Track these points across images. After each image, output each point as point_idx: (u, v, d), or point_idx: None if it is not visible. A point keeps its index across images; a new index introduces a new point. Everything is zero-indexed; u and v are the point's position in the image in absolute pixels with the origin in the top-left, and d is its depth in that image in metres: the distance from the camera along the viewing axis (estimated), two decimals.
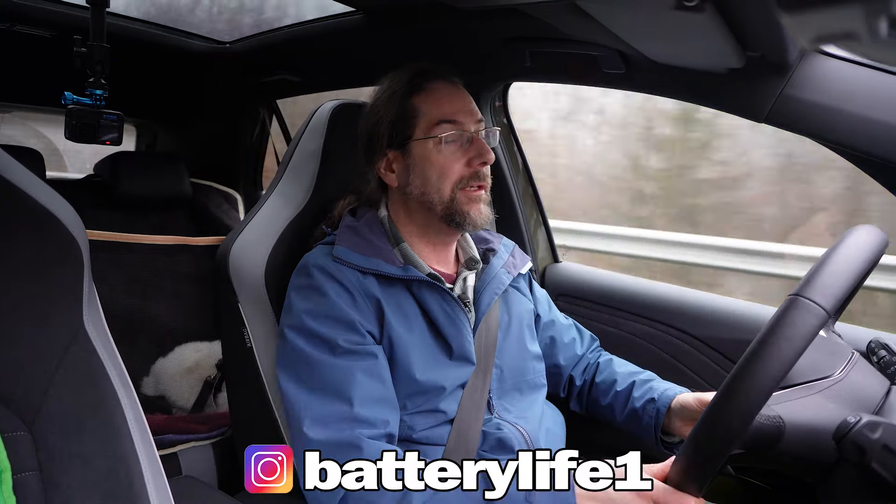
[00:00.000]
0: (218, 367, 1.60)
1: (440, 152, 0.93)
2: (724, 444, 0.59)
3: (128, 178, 1.72)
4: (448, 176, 0.93)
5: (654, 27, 0.84)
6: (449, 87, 0.97)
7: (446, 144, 0.93)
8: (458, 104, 0.95)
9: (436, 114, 0.94)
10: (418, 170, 0.95)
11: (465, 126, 0.94)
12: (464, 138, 0.94)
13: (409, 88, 0.96)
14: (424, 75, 0.97)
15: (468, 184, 0.94)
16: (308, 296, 0.90)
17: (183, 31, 1.75)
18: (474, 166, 0.93)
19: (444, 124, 0.93)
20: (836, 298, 0.60)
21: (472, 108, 0.97)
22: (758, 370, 0.58)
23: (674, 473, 0.67)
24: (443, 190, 0.94)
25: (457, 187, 0.94)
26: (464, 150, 0.94)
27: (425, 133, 0.94)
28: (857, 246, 0.65)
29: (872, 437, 0.59)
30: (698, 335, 1.24)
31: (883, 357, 0.76)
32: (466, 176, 0.94)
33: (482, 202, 0.95)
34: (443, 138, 0.93)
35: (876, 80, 0.85)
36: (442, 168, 0.93)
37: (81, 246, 0.58)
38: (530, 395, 1.01)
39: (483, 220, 0.96)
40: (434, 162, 0.94)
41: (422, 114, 0.95)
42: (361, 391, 0.83)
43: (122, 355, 0.62)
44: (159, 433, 1.39)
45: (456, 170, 0.93)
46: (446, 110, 0.94)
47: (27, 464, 0.51)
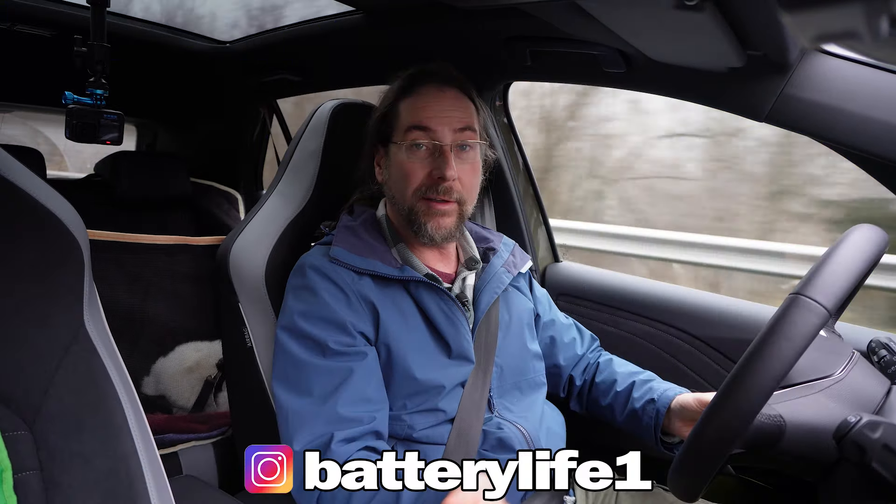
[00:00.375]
0: (218, 367, 1.60)
1: (408, 158, 0.94)
2: (726, 442, 0.59)
3: (128, 178, 1.72)
4: (409, 182, 0.93)
5: (654, 26, 0.84)
6: (434, 94, 0.95)
7: (415, 150, 0.93)
8: (436, 110, 0.94)
9: (411, 119, 0.94)
10: (392, 171, 0.97)
11: (438, 135, 0.93)
12: (434, 148, 0.93)
13: (399, 90, 0.97)
14: (417, 78, 0.97)
15: (426, 193, 0.93)
16: (302, 296, 0.90)
17: (183, 30, 1.75)
18: (433, 178, 0.92)
19: (416, 131, 0.93)
20: (837, 297, 0.60)
21: (455, 115, 0.94)
22: (759, 369, 0.58)
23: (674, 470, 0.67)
24: (405, 195, 0.94)
25: (417, 195, 0.93)
26: (431, 160, 0.93)
27: (400, 138, 0.95)
28: (857, 245, 0.65)
29: (873, 437, 0.59)
30: (698, 335, 1.24)
31: (883, 357, 0.76)
32: (425, 185, 0.93)
33: (444, 216, 0.93)
34: (409, 144, 0.93)
35: (877, 79, 0.85)
36: (405, 174, 0.94)
37: (82, 246, 0.58)
38: (531, 395, 1.01)
39: (442, 236, 0.94)
40: (401, 166, 0.94)
41: (400, 117, 0.96)
42: (347, 391, 0.84)
43: (123, 355, 0.62)
44: (160, 432, 1.40)
45: (417, 178, 0.93)
46: (421, 116, 0.93)
47: (28, 463, 0.51)
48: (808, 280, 0.61)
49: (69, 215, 0.58)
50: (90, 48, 1.11)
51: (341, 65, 1.62)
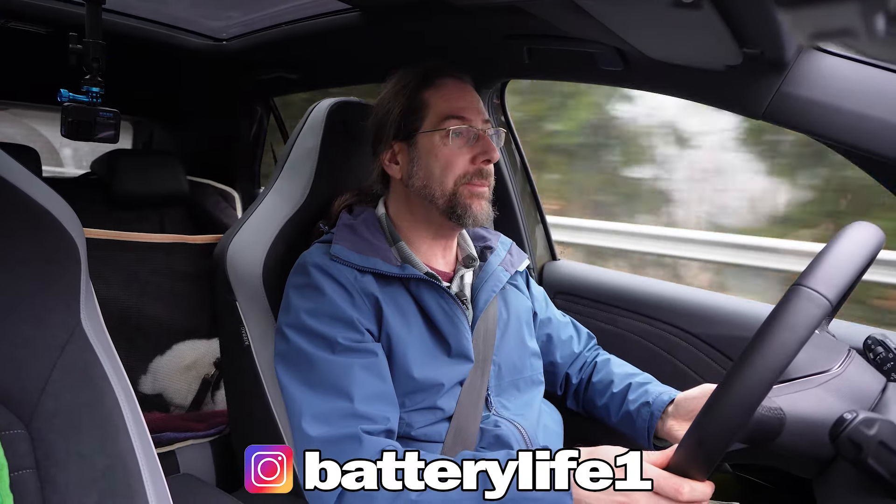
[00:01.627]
0: (216, 365, 1.59)
1: (446, 146, 0.94)
2: (728, 432, 0.59)
3: (124, 176, 1.71)
4: (452, 169, 0.94)
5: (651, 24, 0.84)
6: (458, 85, 0.98)
7: (454, 138, 0.94)
8: (466, 101, 0.96)
9: (445, 108, 0.95)
10: (423, 162, 0.96)
11: (474, 123, 0.95)
12: (471, 134, 0.95)
13: (419, 83, 0.98)
14: (436, 71, 0.98)
15: (471, 179, 0.94)
16: (307, 294, 0.90)
17: (179, 27, 1.74)
18: (478, 163, 0.94)
19: (453, 119, 0.94)
20: (838, 289, 0.60)
21: (479, 107, 0.98)
22: (762, 358, 0.57)
23: (675, 462, 0.67)
24: (445, 183, 0.94)
25: (460, 182, 0.94)
26: (470, 147, 0.95)
27: (433, 126, 0.95)
28: (856, 240, 0.65)
29: (869, 434, 0.59)
30: (695, 332, 1.25)
31: (879, 354, 0.76)
32: (470, 172, 0.94)
33: (484, 198, 0.96)
34: (451, 131, 0.93)
35: (873, 77, 0.85)
36: (446, 161, 0.94)
37: (78, 244, 0.58)
38: (528, 392, 1.01)
39: (484, 217, 0.96)
40: (439, 155, 0.94)
41: (431, 107, 0.96)
42: (361, 388, 0.83)
43: (120, 353, 0.62)
44: (157, 431, 1.39)
45: (460, 164, 0.94)
46: (455, 106, 0.95)
47: (25, 462, 0.51)
48: (810, 271, 0.61)
49: (65, 213, 0.58)
50: (86, 45, 1.10)
51: (338, 63, 1.62)
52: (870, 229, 0.67)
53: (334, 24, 1.39)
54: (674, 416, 0.96)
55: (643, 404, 1.00)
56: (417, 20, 1.22)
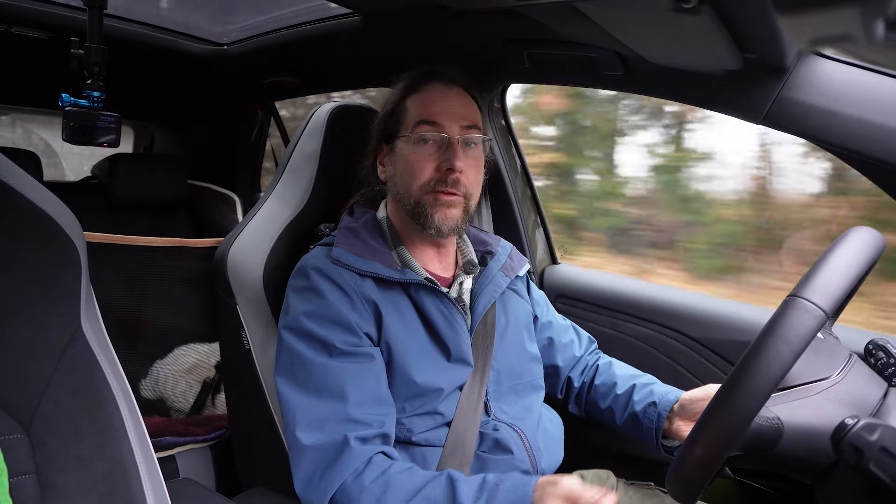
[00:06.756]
0: (216, 369, 1.59)
1: (415, 152, 0.94)
2: (723, 445, 0.59)
3: (125, 181, 1.72)
4: (417, 177, 0.94)
5: (651, 29, 0.84)
6: (441, 90, 0.97)
7: (422, 145, 0.94)
8: (443, 106, 0.95)
9: (418, 113, 0.95)
10: (398, 167, 0.96)
11: (446, 129, 0.93)
12: (442, 141, 0.94)
13: (406, 87, 0.98)
14: (423, 76, 0.98)
15: (434, 187, 0.93)
16: (306, 297, 0.90)
17: (180, 32, 1.74)
18: (441, 171, 0.93)
19: (424, 125, 0.94)
20: (834, 299, 0.59)
21: (461, 112, 0.96)
22: (756, 371, 0.57)
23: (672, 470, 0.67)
24: (411, 190, 0.94)
25: (424, 189, 0.93)
26: (439, 154, 0.94)
27: (408, 131, 0.95)
28: (854, 247, 0.64)
29: (870, 440, 0.59)
30: (696, 337, 1.24)
31: (881, 359, 0.75)
32: (434, 179, 0.93)
33: (452, 207, 0.94)
34: (417, 138, 0.93)
35: (873, 82, 0.85)
36: (413, 168, 0.94)
37: (79, 248, 0.58)
38: (527, 397, 1.01)
39: (449, 227, 0.94)
40: (409, 161, 0.94)
41: (409, 112, 0.96)
42: (357, 392, 0.83)
43: (120, 358, 0.62)
44: (157, 435, 1.39)
45: (426, 172, 0.93)
46: (429, 111, 0.94)
47: (24, 467, 0.51)
48: (805, 282, 0.61)
49: (66, 218, 0.58)
50: (87, 50, 1.10)
51: (339, 67, 1.62)
52: (869, 234, 0.66)
53: (335, 28, 1.39)
54: (680, 415, 0.96)
55: (649, 405, 1.00)
56: (418, 24, 1.23)
